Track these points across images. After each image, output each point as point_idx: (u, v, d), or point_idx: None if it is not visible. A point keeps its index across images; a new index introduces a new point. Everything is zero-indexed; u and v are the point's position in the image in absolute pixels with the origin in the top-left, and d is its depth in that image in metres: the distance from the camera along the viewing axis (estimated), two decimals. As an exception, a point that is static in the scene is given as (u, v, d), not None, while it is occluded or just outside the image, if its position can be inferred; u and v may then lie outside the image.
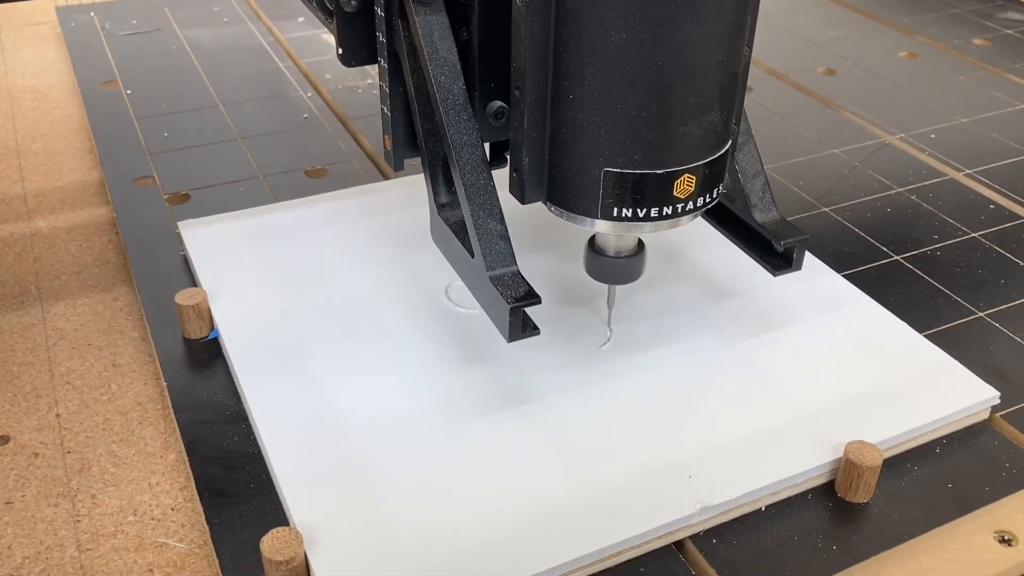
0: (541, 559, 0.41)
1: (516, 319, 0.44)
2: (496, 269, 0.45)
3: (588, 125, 0.43)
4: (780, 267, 0.51)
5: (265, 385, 0.50)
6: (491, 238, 0.46)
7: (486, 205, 0.46)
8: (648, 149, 0.43)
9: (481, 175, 0.46)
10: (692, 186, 0.44)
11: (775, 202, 0.52)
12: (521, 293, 0.45)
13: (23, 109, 0.83)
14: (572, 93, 0.43)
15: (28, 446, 0.50)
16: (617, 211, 0.45)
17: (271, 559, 0.40)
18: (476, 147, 0.46)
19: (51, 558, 0.44)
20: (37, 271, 0.63)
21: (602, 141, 0.43)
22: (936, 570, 0.43)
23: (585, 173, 0.44)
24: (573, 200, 0.45)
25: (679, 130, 0.43)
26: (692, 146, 0.44)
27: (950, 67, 0.91)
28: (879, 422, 0.48)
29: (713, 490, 0.44)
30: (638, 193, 0.44)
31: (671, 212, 0.45)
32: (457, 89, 0.46)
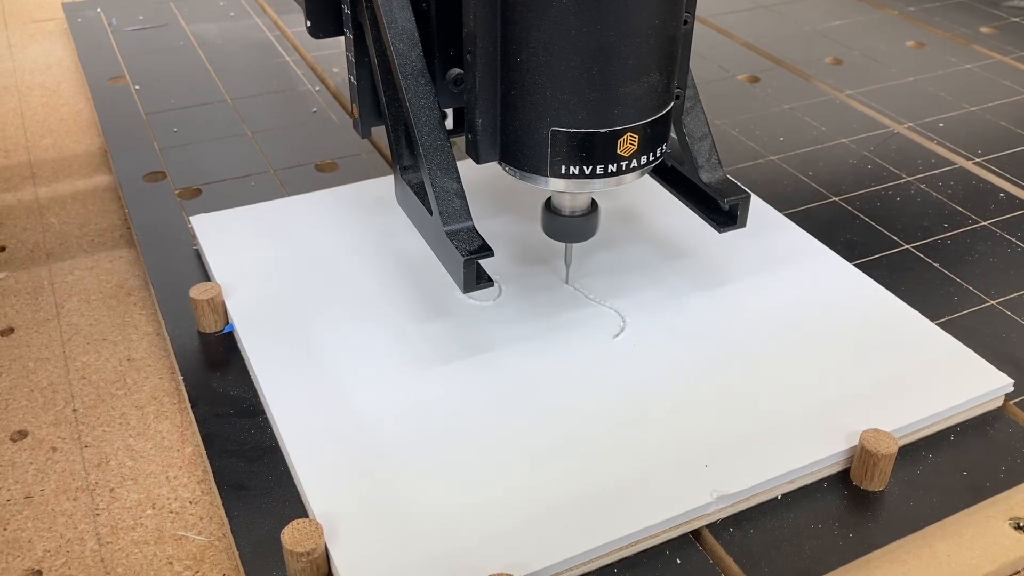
0: (558, 549, 0.41)
1: (470, 271, 0.47)
2: (451, 224, 0.48)
3: (535, 87, 0.46)
4: (725, 224, 0.54)
5: (281, 378, 0.50)
6: (447, 195, 0.48)
7: (443, 164, 0.48)
8: (592, 109, 0.45)
9: (438, 136, 0.49)
10: (635, 144, 0.47)
11: (721, 163, 0.55)
12: (475, 246, 0.47)
13: (32, 106, 0.83)
14: (519, 57, 0.45)
15: (46, 441, 0.50)
16: (565, 169, 0.47)
17: (292, 550, 0.40)
18: (433, 110, 0.49)
19: (72, 551, 0.44)
20: (50, 267, 0.63)
21: (549, 102, 0.46)
22: (951, 557, 0.43)
23: (534, 133, 0.47)
24: (524, 159, 0.48)
25: (620, 91, 0.45)
26: (633, 106, 0.46)
27: (957, 55, 0.91)
28: (894, 410, 0.48)
29: (729, 479, 0.44)
30: (584, 151, 0.47)
31: (616, 169, 0.47)
32: (415, 56, 0.49)
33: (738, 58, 0.90)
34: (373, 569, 0.40)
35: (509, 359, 0.51)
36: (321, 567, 0.41)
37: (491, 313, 0.54)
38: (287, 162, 0.71)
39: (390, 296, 0.56)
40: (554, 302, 0.55)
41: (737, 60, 0.90)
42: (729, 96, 0.83)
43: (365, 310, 0.54)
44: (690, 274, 0.58)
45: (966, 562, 0.43)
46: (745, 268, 0.58)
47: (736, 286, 0.57)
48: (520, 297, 0.56)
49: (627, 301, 0.55)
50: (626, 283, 0.57)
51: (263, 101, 0.81)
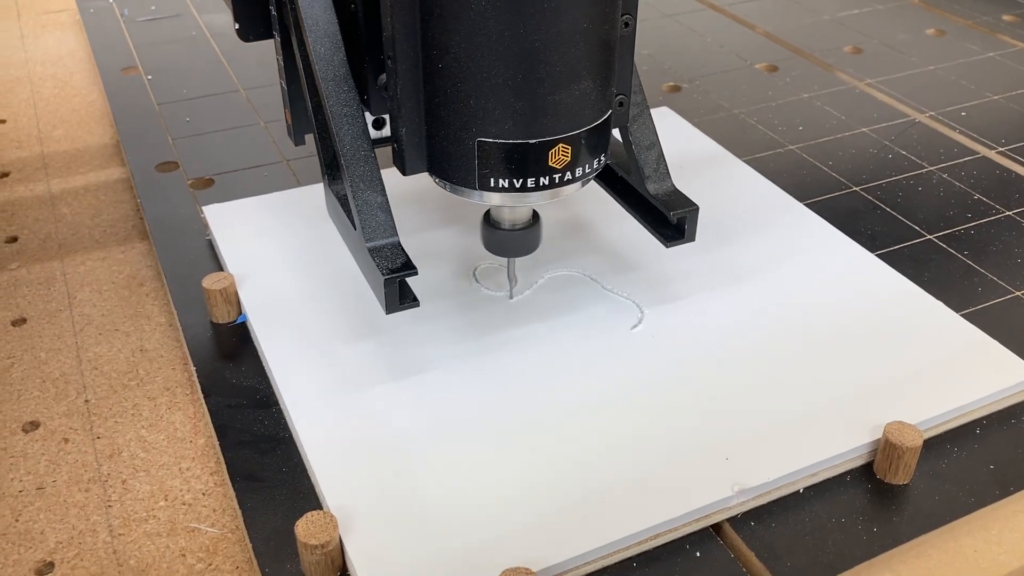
0: (577, 542, 0.40)
1: (392, 290, 0.45)
2: (375, 240, 0.46)
3: (458, 95, 0.43)
4: (672, 238, 0.52)
5: (295, 369, 0.49)
6: (370, 209, 0.46)
7: (366, 176, 0.46)
8: (518, 119, 0.43)
9: (360, 146, 0.46)
10: (568, 156, 0.44)
11: (669, 173, 0.52)
12: (398, 264, 0.45)
13: (44, 97, 0.83)
14: (440, 62, 0.43)
15: (58, 432, 0.49)
16: (495, 182, 0.45)
17: (306, 543, 0.39)
18: (356, 119, 0.46)
19: (84, 543, 0.44)
20: (62, 258, 0.62)
21: (473, 111, 0.43)
22: (979, 552, 0.42)
23: (460, 143, 0.44)
24: (452, 171, 0.45)
25: (548, 99, 0.43)
26: (564, 115, 0.43)
27: (979, 44, 0.89)
28: (918, 402, 0.47)
29: (750, 472, 0.43)
30: (512, 163, 0.44)
31: (548, 183, 0.45)
32: (337, 60, 0.46)
33: (756, 47, 0.89)
34: (388, 562, 0.40)
35: (526, 351, 0.50)
36: (336, 560, 0.40)
37: (507, 305, 0.54)
38: (299, 152, 0.71)
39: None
40: (570, 294, 0.55)
41: (755, 49, 0.88)
42: (747, 85, 0.82)
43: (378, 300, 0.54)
44: (710, 265, 0.57)
45: (993, 557, 0.42)
46: (766, 259, 0.57)
47: (757, 277, 0.56)
48: (532, 287, 0.55)
49: (644, 292, 0.54)
50: (637, 274, 0.56)
51: (276, 91, 0.80)
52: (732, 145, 0.71)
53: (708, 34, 0.92)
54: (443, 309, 0.53)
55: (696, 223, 0.51)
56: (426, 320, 0.52)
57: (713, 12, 0.97)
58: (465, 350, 0.50)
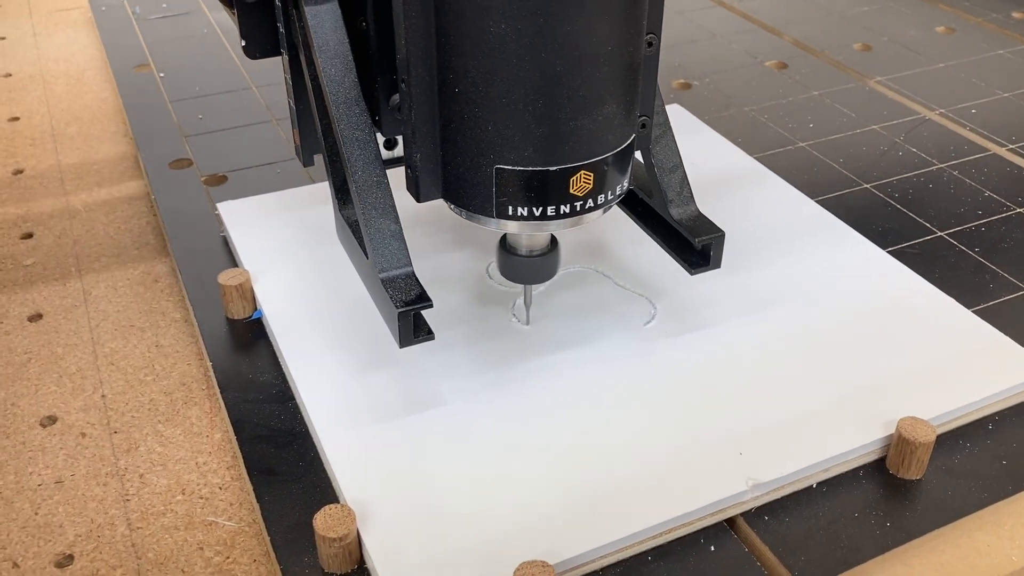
0: (592, 537, 0.41)
1: (406, 323, 0.43)
2: (388, 271, 0.44)
3: (475, 120, 0.41)
4: (697, 264, 0.50)
5: (311, 363, 0.50)
6: (383, 238, 0.44)
7: (378, 203, 0.44)
8: (539, 145, 0.41)
9: (373, 172, 0.44)
10: (590, 183, 0.42)
11: (693, 196, 0.50)
12: (412, 296, 0.43)
13: (57, 94, 0.83)
14: (457, 87, 0.41)
15: (75, 426, 0.50)
16: (512, 210, 0.43)
17: (324, 536, 0.40)
18: (368, 143, 0.44)
19: (103, 536, 0.44)
20: (77, 254, 0.63)
21: (491, 137, 0.41)
22: (992, 548, 0.42)
23: (477, 170, 0.42)
24: (468, 198, 0.43)
25: (571, 124, 0.41)
26: (587, 141, 0.41)
27: (989, 41, 0.89)
28: (931, 398, 0.47)
29: (764, 467, 0.44)
30: (532, 191, 0.42)
31: (569, 211, 0.43)
32: (349, 82, 0.44)
33: (766, 44, 0.89)
34: (406, 555, 0.40)
35: (541, 345, 0.51)
36: (353, 553, 0.40)
37: (519, 303, 0.54)
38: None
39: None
40: (583, 290, 0.55)
41: (765, 46, 0.89)
42: (757, 83, 0.82)
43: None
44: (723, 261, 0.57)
45: (1006, 553, 0.42)
46: (777, 255, 0.57)
47: (769, 273, 0.56)
48: (551, 286, 0.55)
49: (657, 288, 0.55)
50: (649, 270, 0.56)
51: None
52: (743, 142, 0.71)
53: (718, 31, 0.92)
54: (455, 307, 0.54)
55: (722, 249, 0.50)
56: (440, 318, 0.53)
57: (723, 10, 0.97)
58: (480, 347, 0.51)
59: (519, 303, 0.54)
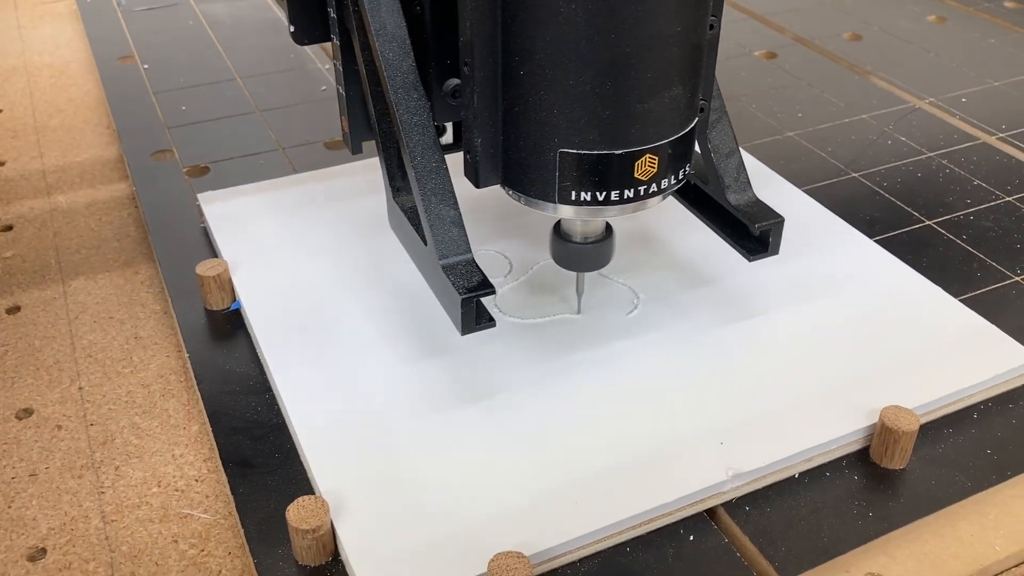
0: (570, 527, 0.40)
1: (469, 310, 0.42)
2: (448, 257, 0.43)
3: (541, 104, 0.40)
4: (756, 251, 0.49)
5: (288, 355, 0.49)
6: (443, 224, 0.43)
7: (438, 189, 0.43)
8: (605, 128, 0.40)
9: (432, 158, 0.43)
10: (655, 167, 0.42)
11: (750, 183, 0.50)
12: (474, 283, 0.42)
13: (40, 86, 0.83)
14: (522, 69, 0.40)
15: (51, 419, 0.49)
16: (575, 195, 0.42)
17: (297, 528, 0.39)
18: (427, 128, 0.44)
19: (76, 529, 0.43)
20: (57, 246, 0.62)
21: (556, 120, 0.40)
22: (975, 537, 0.42)
23: (540, 155, 0.42)
24: (529, 184, 0.43)
25: (637, 107, 0.40)
26: (653, 124, 0.41)
27: (980, 30, 0.89)
28: (915, 387, 0.47)
29: (745, 457, 0.43)
30: (596, 176, 0.41)
31: (633, 195, 0.42)
32: (407, 67, 0.44)
33: (755, 34, 0.88)
34: (381, 547, 0.39)
35: (519, 337, 0.50)
36: (327, 545, 0.40)
37: (500, 293, 0.53)
38: (296, 140, 0.71)
39: (397, 272, 0.55)
40: (562, 278, 0.54)
41: (754, 36, 0.88)
42: (746, 72, 0.81)
43: (373, 287, 0.54)
44: (706, 250, 0.56)
45: (990, 543, 0.41)
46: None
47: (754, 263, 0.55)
48: (527, 273, 0.55)
49: (638, 278, 0.54)
50: (632, 260, 0.55)
51: (272, 79, 0.80)
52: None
53: (707, 21, 0.91)
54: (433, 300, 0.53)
55: (780, 235, 0.48)
56: (421, 306, 0.52)
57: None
58: (457, 337, 0.50)
59: (500, 293, 0.53)
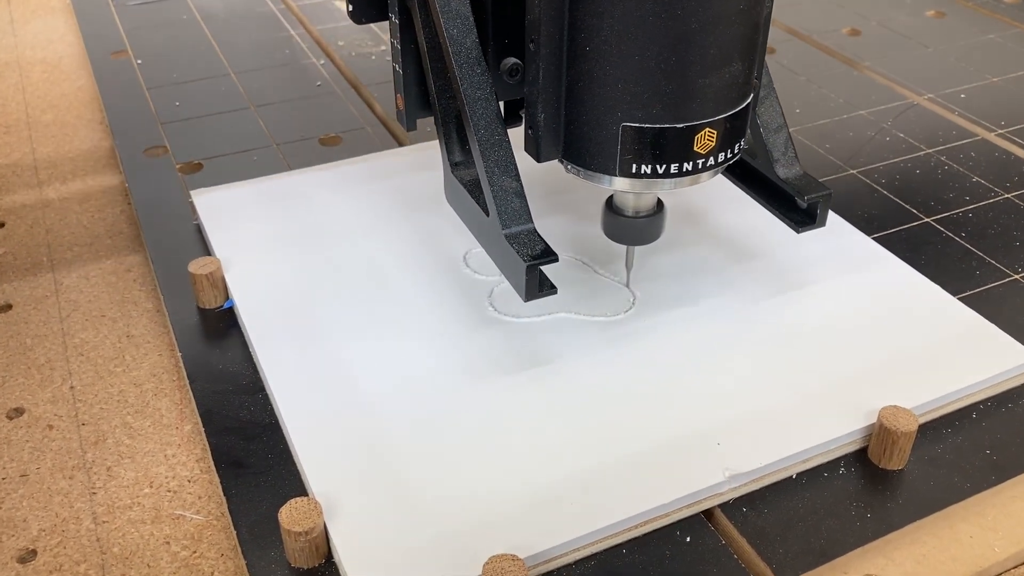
0: (565, 529, 0.40)
1: (533, 277, 0.44)
2: (511, 227, 0.45)
3: (605, 78, 0.42)
4: (804, 223, 0.50)
5: (281, 354, 0.49)
6: (506, 195, 0.45)
7: (501, 161, 0.45)
8: (667, 102, 0.42)
9: (496, 131, 0.45)
10: (713, 141, 0.43)
11: (798, 157, 0.51)
12: (538, 251, 0.44)
13: (33, 81, 0.82)
14: (588, 45, 0.42)
15: (42, 418, 0.49)
16: (636, 167, 0.44)
17: (289, 530, 0.39)
18: (490, 102, 0.45)
19: (67, 530, 0.43)
20: (49, 243, 0.62)
21: (619, 95, 0.42)
22: (974, 539, 0.41)
23: (602, 128, 0.43)
24: (590, 157, 0.44)
25: (699, 82, 0.42)
26: (713, 99, 0.42)
27: (979, 25, 0.88)
28: (914, 387, 0.46)
29: (742, 457, 0.43)
30: (657, 148, 0.43)
31: (691, 168, 0.44)
32: (470, 42, 0.45)
33: (753, 29, 0.88)
34: (374, 549, 0.39)
35: (513, 337, 0.50)
36: (320, 547, 0.39)
37: (493, 292, 0.53)
38: (290, 136, 0.70)
39: (392, 271, 0.54)
40: (561, 276, 0.54)
41: (752, 31, 0.87)
42: (743, 68, 0.80)
43: (367, 286, 0.53)
44: (702, 248, 0.56)
45: (989, 544, 0.41)
46: (759, 242, 0.56)
47: (750, 260, 0.55)
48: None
49: (637, 276, 0.54)
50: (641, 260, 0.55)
51: (267, 74, 0.79)
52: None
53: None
54: (432, 296, 0.53)
55: (828, 208, 0.50)
56: (414, 307, 0.52)
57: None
58: (451, 337, 0.50)
59: (496, 291, 0.53)
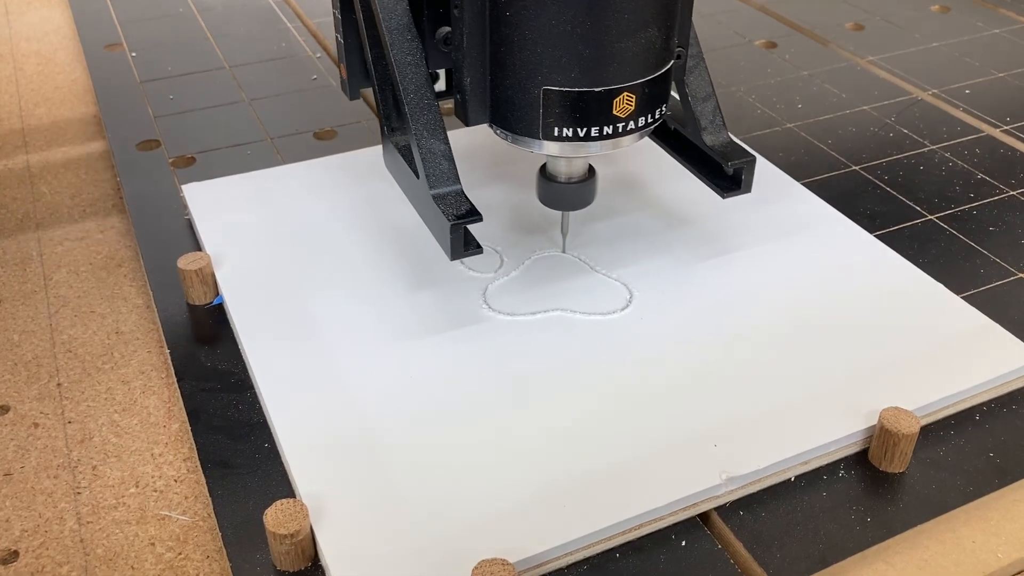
0: (557, 532, 0.39)
1: (457, 236, 0.45)
2: (439, 188, 0.46)
3: (525, 43, 0.43)
4: (729, 189, 0.52)
5: (270, 352, 0.48)
6: (434, 157, 0.46)
7: (429, 124, 0.46)
8: (585, 66, 0.43)
9: (424, 95, 0.46)
10: (632, 105, 0.45)
11: (725, 124, 0.52)
12: (463, 211, 0.45)
13: (27, 74, 0.81)
14: (508, 11, 0.43)
15: (28, 416, 0.48)
16: (558, 131, 0.45)
17: (275, 532, 0.38)
18: (419, 67, 0.46)
19: (50, 531, 0.42)
20: (39, 237, 0.61)
21: (540, 59, 0.43)
22: (977, 543, 0.40)
23: (525, 92, 0.45)
24: (515, 121, 0.46)
25: (616, 47, 0.43)
26: (630, 64, 0.44)
27: (984, 20, 0.87)
28: (915, 388, 0.45)
29: (739, 459, 0.42)
30: (577, 112, 0.44)
31: (612, 131, 0.45)
32: (400, 9, 0.46)
33: (755, 23, 0.87)
34: (361, 552, 0.38)
35: (506, 333, 0.49)
36: (306, 550, 0.39)
37: (488, 288, 0.52)
38: (285, 130, 0.69)
39: (386, 268, 0.53)
40: (555, 273, 0.53)
41: (754, 25, 0.86)
42: (745, 62, 0.79)
43: (360, 283, 0.52)
44: (700, 244, 0.55)
45: (992, 549, 0.40)
46: (760, 239, 0.55)
47: (750, 257, 0.54)
48: (519, 268, 0.53)
49: (633, 272, 0.53)
50: (630, 254, 0.54)
51: (262, 68, 0.78)
52: (730, 123, 0.69)
53: (705, 9, 0.89)
54: (424, 292, 0.52)
55: (752, 174, 0.51)
56: (407, 304, 0.51)
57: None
58: (445, 335, 0.49)
59: (490, 288, 0.52)
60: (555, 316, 0.50)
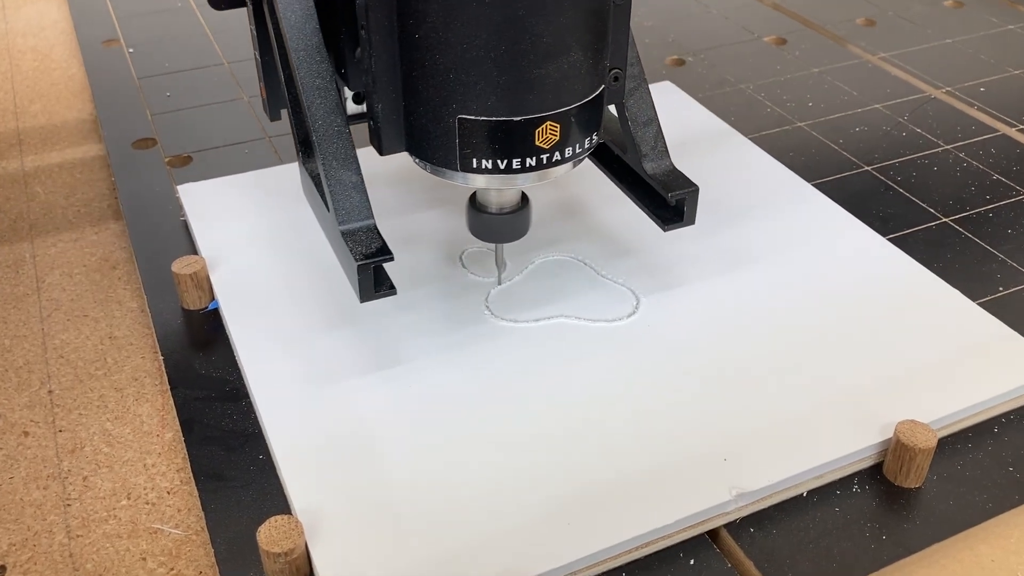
0: (561, 551, 0.38)
1: (366, 277, 0.42)
2: (348, 223, 0.43)
3: (437, 68, 0.40)
4: (671, 221, 0.48)
5: (266, 360, 0.46)
6: (344, 189, 0.43)
7: (339, 154, 0.43)
8: (502, 94, 0.40)
9: (334, 122, 0.43)
10: (557, 134, 0.41)
11: (668, 151, 0.49)
12: (373, 249, 0.42)
13: (23, 70, 0.80)
14: (417, 32, 0.39)
15: (18, 424, 0.47)
16: (476, 163, 0.41)
17: (268, 551, 0.36)
18: (328, 91, 0.43)
19: (39, 545, 0.41)
20: (32, 238, 0.60)
21: (453, 85, 0.40)
22: (996, 562, 0.39)
23: (439, 121, 0.41)
24: (431, 151, 0.42)
25: (535, 72, 0.39)
26: (552, 90, 0.40)
27: (999, 16, 0.86)
28: (932, 400, 0.44)
29: (750, 474, 0.41)
30: (496, 143, 0.41)
31: (535, 163, 0.42)
32: (309, 29, 0.43)
33: (764, 19, 0.85)
34: (358, 573, 0.37)
35: (511, 343, 0.48)
36: (301, 568, 0.37)
37: (493, 293, 0.51)
38: (282, 128, 0.68)
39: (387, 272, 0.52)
40: (562, 280, 0.51)
41: (763, 21, 0.85)
42: (755, 59, 0.78)
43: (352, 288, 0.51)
44: (712, 250, 0.53)
45: (1012, 567, 0.39)
46: (769, 243, 0.54)
47: (761, 263, 0.53)
48: (522, 272, 0.52)
49: (639, 277, 0.51)
50: (635, 258, 0.53)
51: (262, 64, 0.77)
52: (738, 122, 0.68)
53: (714, 5, 0.88)
54: (425, 297, 0.50)
55: (696, 205, 0.48)
56: (407, 310, 0.50)
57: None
58: (446, 342, 0.48)
59: (492, 293, 0.50)
60: (559, 323, 0.49)
